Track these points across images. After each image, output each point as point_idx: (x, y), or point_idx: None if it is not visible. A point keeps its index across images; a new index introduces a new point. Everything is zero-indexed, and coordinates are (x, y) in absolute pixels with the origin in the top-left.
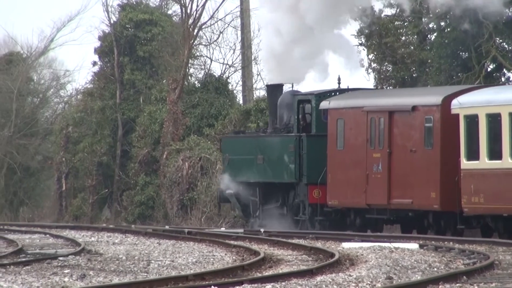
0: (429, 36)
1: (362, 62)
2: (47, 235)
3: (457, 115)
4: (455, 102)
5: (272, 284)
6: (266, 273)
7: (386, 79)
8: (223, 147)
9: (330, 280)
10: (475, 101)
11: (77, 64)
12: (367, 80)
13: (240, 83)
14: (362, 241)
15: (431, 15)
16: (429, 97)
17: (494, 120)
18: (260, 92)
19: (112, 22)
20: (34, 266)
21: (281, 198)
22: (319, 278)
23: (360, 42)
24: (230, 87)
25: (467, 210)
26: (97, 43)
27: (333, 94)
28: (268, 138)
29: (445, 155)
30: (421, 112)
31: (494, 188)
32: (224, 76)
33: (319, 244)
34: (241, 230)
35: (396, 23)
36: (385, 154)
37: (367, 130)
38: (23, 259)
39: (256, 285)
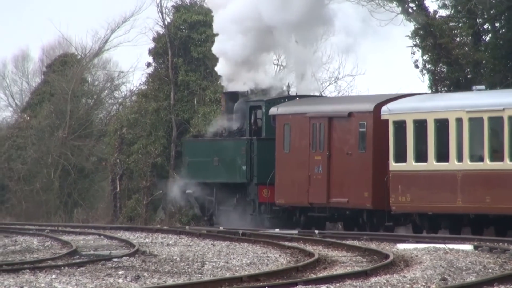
0: (483, 37)
1: (417, 63)
2: (102, 236)
3: (387, 121)
4: (385, 108)
5: (326, 285)
6: (320, 275)
7: (440, 80)
8: (184, 150)
9: (385, 282)
10: (403, 108)
11: (131, 65)
12: (422, 82)
13: (295, 84)
14: (417, 242)
15: (485, 16)
16: (363, 104)
17: (420, 126)
18: (314, 93)
19: (166, 23)
20: (88, 267)
21: (234, 198)
22: (373, 280)
23: (415, 43)
24: (284, 88)
25: (394, 208)
26: (151, 45)
27: (282, 101)
28: (223, 142)
29: (376, 157)
30: (356, 118)
31: (419, 188)
32: (278, 77)
33: (373, 245)
34: (296, 231)
35: (451, 24)
36: (325, 156)
37: (310, 134)
38: (78, 261)
39: (310, 286)
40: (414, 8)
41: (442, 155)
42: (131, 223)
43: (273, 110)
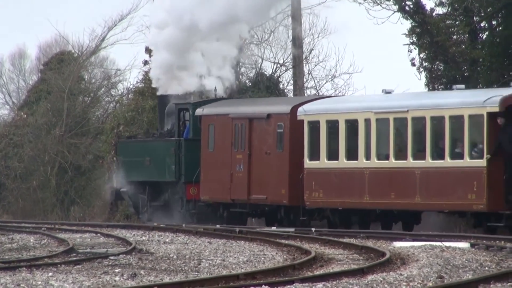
0: (480, 35)
1: (414, 61)
2: (98, 234)
3: (303, 121)
4: (301, 110)
5: (323, 283)
6: (317, 272)
7: (437, 78)
8: (118, 150)
9: (381, 279)
10: (317, 109)
11: (128, 63)
12: (419, 79)
13: (291, 82)
14: (413, 240)
15: (482, 14)
16: (281, 106)
17: (332, 126)
18: (311, 91)
19: None
20: (85, 265)
21: (165, 195)
22: (370, 277)
23: (412, 41)
24: (281, 86)
25: (308, 204)
26: (148, 42)
27: (208, 103)
28: (154, 142)
29: (293, 156)
30: (274, 119)
31: (331, 185)
32: (275, 75)
33: (370, 243)
34: (292, 229)
35: (448, 21)
36: (246, 155)
37: (232, 134)
38: (74, 258)
39: (307, 284)
40: (411, 6)
41: (352, 154)
42: (128, 221)
43: (198, 112)
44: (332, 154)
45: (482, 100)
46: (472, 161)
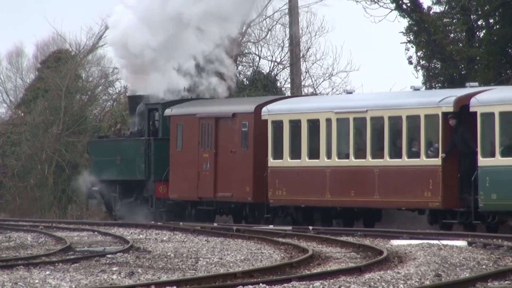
0: (477, 33)
1: (411, 59)
2: (96, 233)
3: (266, 121)
4: (265, 109)
5: (320, 281)
6: (315, 271)
7: (434, 77)
8: (90, 150)
9: (379, 278)
10: (281, 109)
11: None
12: (416, 78)
13: (289, 80)
14: (411, 238)
15: (479, 12)
16: (245, 105)
17: (295, 126)
18: (308, 89)
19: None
20: (83, 263)
21: (135, 194)
22: (367, 276)
23: (409, 39)
24: (278, 84)
25: (272, 201)
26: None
27: (177, 103)
28: (125, 142)
29: (257, 155)
30: (239, 119)
31: (294, 183)
32: (272, 74)
33: (367, 242)
34: (290, 228)
35: (445, 20)
36: (212, 154)
37: (199, 133)
38: (72, 257)
39: (304, 282)
40: (408, 4)
41: (314, 153)
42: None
43: (167, 112)
44: (295, 153)
45: (437, 100)
46: (428, 159)
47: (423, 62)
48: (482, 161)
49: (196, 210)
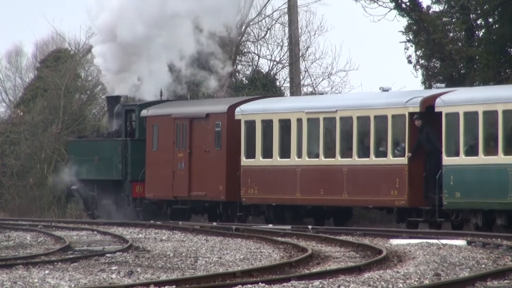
0: (477, 32)
1: (410, 58)
2: (95, 232)
3: (239, 121)
4: (238, 109)
5: (319, 280)
6: (314, 270)
7: (434, 76)
8: (69, 149)
9: (378, 277)
10: (253, 109)
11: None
12: (415, 77)
13: (288, 79)
14: (410, 237)
15: (479, 11)
16: (219, 106)
17: (267, 125)
18: (307, 88)
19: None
20: (82, 262)
21: (113, 193)
22: (366, 275)
23: (408, 38)
24: (277, 83)
25: (245, 200)
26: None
27: (153, 104)
28: (102, 142)
29: (230, 154)
30: (212, 119)
31: (265, 181)
32: (271, 73)
33: (366, 241)
34: (289, 227)
35: (444, 19)
36: (187, 154)
37: (174, 134)
38: (71, 256)
39: (303, 281)
40: (407, 4)
41: (285, 152)
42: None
43: (144, 113)
44: (267, 152)
45: (404, 101)
46: (394, 159)
47: (423, 61)
48: (447, 160)
49: (171, 209)
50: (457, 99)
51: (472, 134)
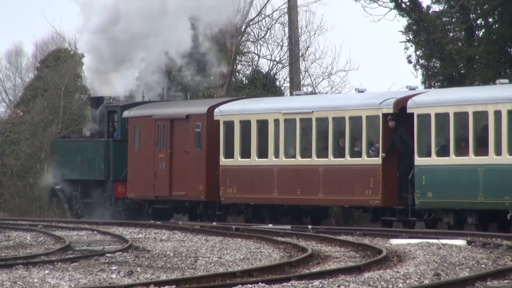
0: (477, 32)
1: (410, 58)
2: (95, 232)
3: (218, 121)
4: (217, 110)
5: (319, 280)
6: (314, 270)
7: (433, 76)
8: (53, 150)
9: (378, 277)
10: (232, 110)
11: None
12: (415, 77)
13: (288, 79)
14: (410, 237)
15: (479, 11)
16: (199, 107)
17: (245, 126)
18: (307, 88)
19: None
20: (82, 262)
21: (95, 193)
22: (366, 275)
23: (408, 38)
24: (277, 83)
25: (223, 199)
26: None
27: (135, 106)
28: (85, 142)
29: (210, 154)
30: (192, 120)
31: (244, 181)
32: (271, 73)
33: (366, 241)
34: (289, 227)
35: (444, 19)
36: (168, 154)
37: (155, 134)
38: (71, 256)
39: (303, 281)
40: (407, 3)
41: (263, 152)
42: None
43: (125, 114)
44: (245, 152)
45: (378, 102)
46: (369, 159)
47: (422, 61)
48: (419, 160)
49: (153, 209)
50: (429, 101)
51: (443, 135)
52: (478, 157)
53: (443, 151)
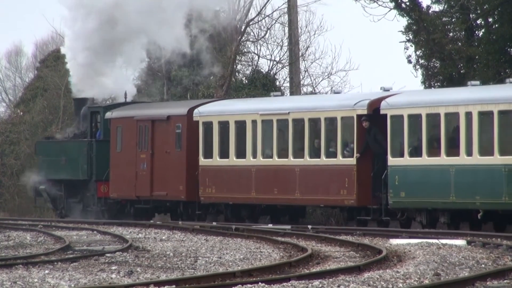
0: (476, 32)
1: (410, 58)
2: (94, 232)
3: (197, 122)
4: (196, 111)
5: (319, 280)
6: (314, 270)
7: (433, 76)
8: (37, 150)
9: (378, 277)
10: (211, 111)
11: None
12: (415, 77)
13: (288, 79)
14: (410, 237)
15: (479, 11)
16: (179, 108)
17: (224, 127)
18: (307, 88)
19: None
20: (82, 262)
21: (79, 193)
22: (366, 275)
23: (408, 38)
24: (277, 83)
25: (203, 199)
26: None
27: (117, 107)
28: (69, 143)
29: (190, 155)
30: (173, 121)
31: (222, 181)
32: (271, 73)
33: (366, 241)
34: (289, 227)
35: (444, 19)
36: (149, 155)
37: (137, 135)
38: (71, 256)
39: (303, 281)
40: (407, 3)
41: (241, 152)
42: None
43: (108, 115)
44: (224, 153)
45: (352, 103)
46: (344, 159)
47: (422, 61)
48: (392, 160)
49: (134, 208)
50: (402, 102)
51: (416, 136)
52: (449, 158)
53: (415, 152)
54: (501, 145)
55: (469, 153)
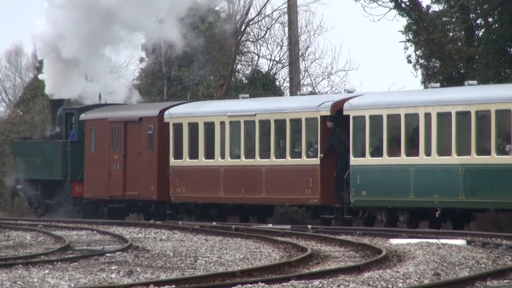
0: (476, 32)
1: (410, 58)
2: (94, 232)
3: (168, 124)
4: (167, 113)
5: (319, 280)
6: (314, 270)
7: (433, 75)
8: (14, 150)
9: (378, 277)
10: (181, 112)
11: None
12: (415, 77)
13: (288, 79)
14: (410, 237)
15: (478, 11)
16: (151, 110)
17: (193, 128)
18: (307, 88)
19: (159, 18)
20: (81, 262)
21: (54, 193)
22: (366, 275)
23: (408, 38)
24: (277, 83)
25: (173, 199)
26: (144, 40)
27: (91, 108)
28: (44, 144)
29: (161, 156)
30: (145, 122)
31: (192, 181)
32: (271, 72)
33: (366, 241)
34: (289, 226)
35: (444, 19)
36: (122, 156)
37: (110, 136)
38: (71, 256)
39: (303, 281)
40: (407, 3)
41: (210, 153)
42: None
43: (82, 116)
44: (193, 153)
45: (316, 105)
46: (308, 159)
47: (422, 61)
48: (354, 160)
49: (108, 208)
50: (364, 103)
51: (377, 136)
52: (409, 158)
53: (376, 152)
54: (459, 145)
55: (428, 153)
